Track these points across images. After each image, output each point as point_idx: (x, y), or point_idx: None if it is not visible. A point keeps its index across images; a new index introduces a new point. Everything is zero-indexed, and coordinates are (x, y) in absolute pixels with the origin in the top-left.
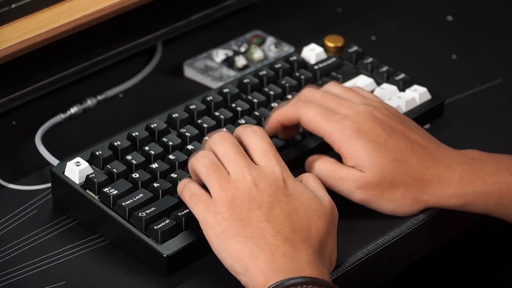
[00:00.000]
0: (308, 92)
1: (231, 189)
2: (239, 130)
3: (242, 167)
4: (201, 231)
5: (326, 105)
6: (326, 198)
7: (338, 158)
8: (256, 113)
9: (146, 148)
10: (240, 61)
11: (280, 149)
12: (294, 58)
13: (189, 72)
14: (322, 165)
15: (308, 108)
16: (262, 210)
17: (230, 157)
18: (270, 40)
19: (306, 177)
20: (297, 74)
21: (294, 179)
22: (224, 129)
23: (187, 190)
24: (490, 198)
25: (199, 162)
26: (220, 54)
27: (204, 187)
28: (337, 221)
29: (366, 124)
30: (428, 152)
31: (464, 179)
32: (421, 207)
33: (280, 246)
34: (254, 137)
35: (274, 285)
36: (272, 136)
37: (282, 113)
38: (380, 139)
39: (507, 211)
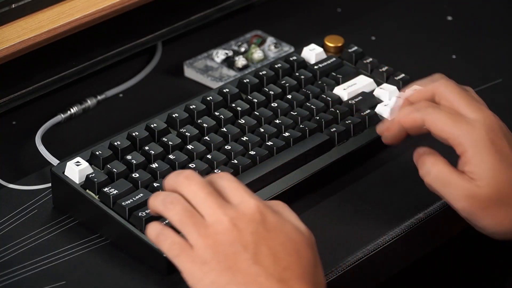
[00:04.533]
0: (445, 81)
1: (211, 234)
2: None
3: (215, 209)
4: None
5: (458, 101)
6: (302, 226)
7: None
8: (256, 113)
9: (146, 148)
10: (240, 61)
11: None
12: (294, 58)
13: (189, 72)
14: (434, 163)
15: (435, 111)
16: (249, 252)
17: (201, 199)
18: (270, 40)
19: (277, 205)
20: (297, 74)
21: (272, 212)
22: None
23: (163, 239)
24: None
25: (170, 211)
26: (220, 54)
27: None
28: (316, 248)
29: (495, 134)
30: None
31: None
32: None
33: None
34: (221, 177)
35: None
36: (392, 143)
37: (405, 116)
38: (504, 150)
39: None
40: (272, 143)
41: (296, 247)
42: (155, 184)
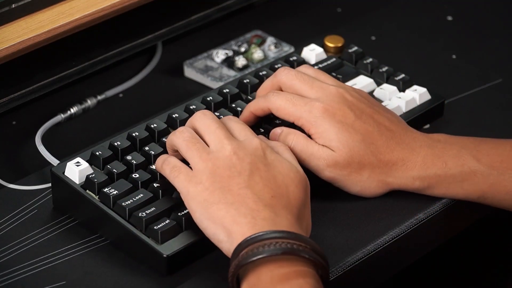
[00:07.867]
0: (283, 71)
1: (212, 159)
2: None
3: (222, 139)
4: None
5: (299, 86)
6: (299, 168)
7: None
8: None
9: (146, 148)
10: (240, 61)
11: None
12: (294, 58)
13: (189, 72)
14: (295, 139)
15: (277, 97)
16: (242, 177)
17: (211, 130)
18: (270, 40)
19: (279, 147)
20: None
21: (272, 150)
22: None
23: (167, 164)
24: (451, 181)
25: (178, 137)
26: (220, 54)
27: (183, 162)
28: (309, 193)
29: (334, 105)
30: (394, 135)
31: (427, 162)
32: (385, 189)
33: (261, 211)
34: (231, 120)
35: (253, 236)
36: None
37: (254, 105)
38: (348, 120)
39: (470, 195)
40: None
41: (286, 182)
42: (155, 185)
